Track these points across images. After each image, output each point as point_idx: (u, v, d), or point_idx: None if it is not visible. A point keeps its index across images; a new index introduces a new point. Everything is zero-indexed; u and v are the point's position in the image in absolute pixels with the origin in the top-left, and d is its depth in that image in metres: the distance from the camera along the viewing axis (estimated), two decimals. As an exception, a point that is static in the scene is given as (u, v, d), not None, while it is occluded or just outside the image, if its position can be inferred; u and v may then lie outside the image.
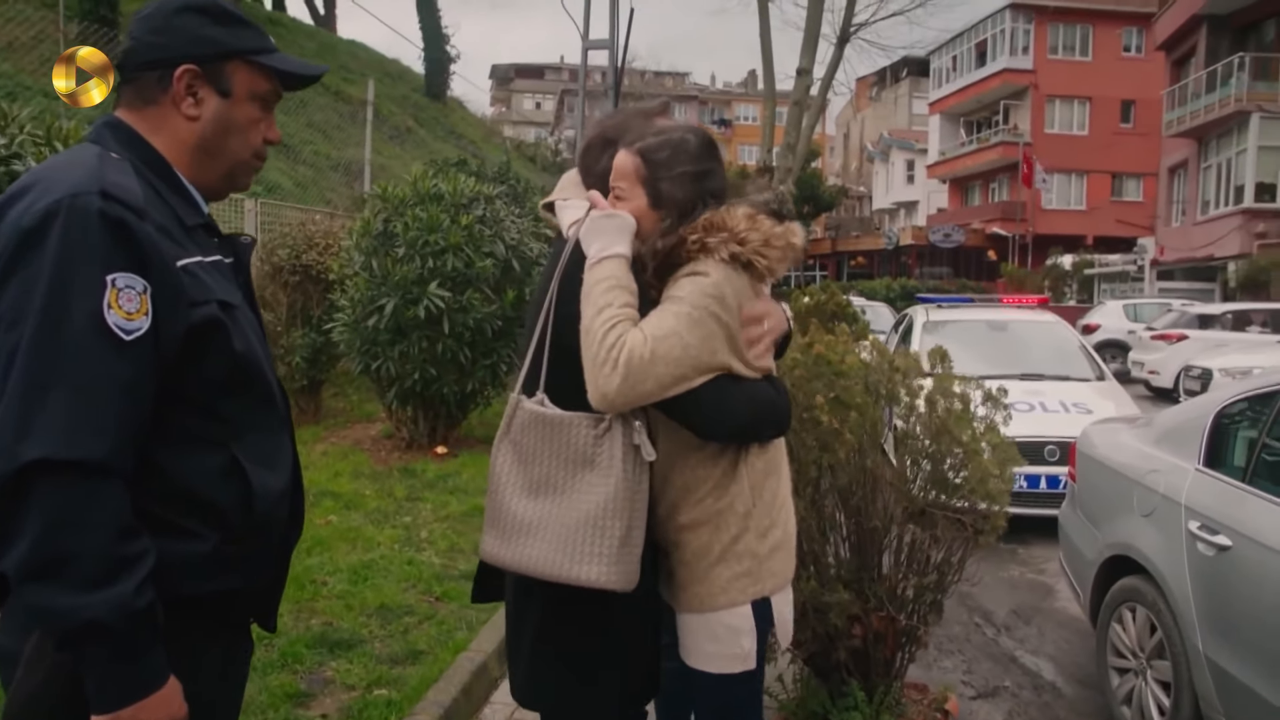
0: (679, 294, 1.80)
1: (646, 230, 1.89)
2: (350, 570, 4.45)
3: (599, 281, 1.78)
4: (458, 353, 6.76)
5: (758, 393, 1.90)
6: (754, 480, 1.94)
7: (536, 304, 1.99)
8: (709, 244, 1.82)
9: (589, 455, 1.81)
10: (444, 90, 28.02)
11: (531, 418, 1.88)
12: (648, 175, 1.89)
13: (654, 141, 1.91)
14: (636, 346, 1.71)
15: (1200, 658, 3.19)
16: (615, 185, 1.93)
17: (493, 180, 10.80)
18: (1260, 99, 21.91)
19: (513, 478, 1.88)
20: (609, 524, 1.77)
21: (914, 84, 54.17)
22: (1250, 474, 3.18)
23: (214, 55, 1.49)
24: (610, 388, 1.71)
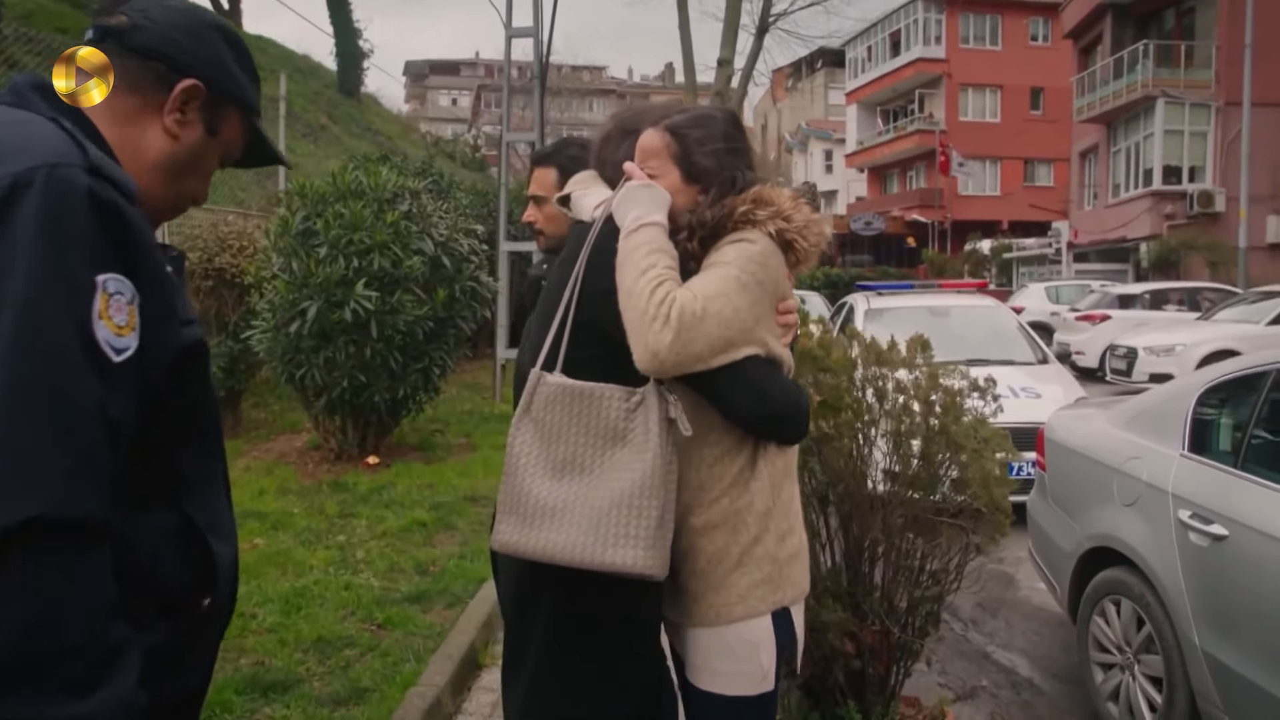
0: (725, 259, 1.71)
1: (681, 205, 1.80)
2: (281, 599, 4.07)
3: (639, 246, 1.67)
4: (388, 357, 6.38)
5: (787, 384, 1.80)
6: (774, 478, 1.81)
7: (557, 283, 1.84)
8: (757, 216, 1.75)
9: (621, 430, 1.69)
10: (358, 86, 27.21)
11: (558, 391, 1.73)
12: (679, 150, 1.83)
13: (681, 118, 1.86)
14: (688, 302, 1.60)
15: (1196, 652, 3.05)
16: (646, 164, 1.84)
17: (416, 175, 10.38)
18: (1164, 84, 22.57)
19: (534, 458, 1.73)
20: (644, 504, 1.64)
21: (830, 75, 54.85)
22: (1242, 459, 3.05)
23: (223, 89, 1.34)
24: (662, 344, 1.57)
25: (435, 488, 6.20)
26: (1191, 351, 12.24)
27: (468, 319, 7.01)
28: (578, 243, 1.83)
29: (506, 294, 9.88)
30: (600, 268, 1.73)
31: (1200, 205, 21.91)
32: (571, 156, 2.52)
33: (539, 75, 9.47)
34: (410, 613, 4.05)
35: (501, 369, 9.98)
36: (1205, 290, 16.29)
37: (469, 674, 3.71)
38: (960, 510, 2.63)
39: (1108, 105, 24.47)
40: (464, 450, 7.49)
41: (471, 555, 4.85)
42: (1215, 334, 12.58)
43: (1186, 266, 21.47)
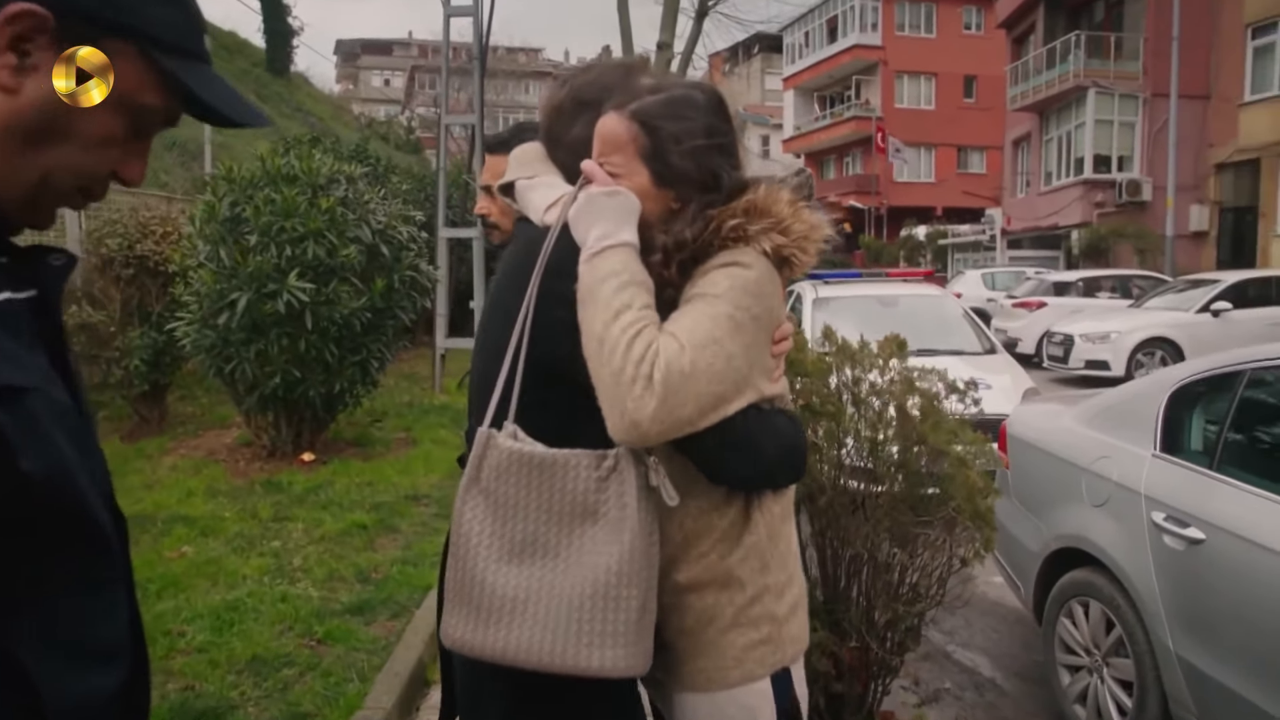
0: (713, 290, 1.40)
1: (651, 214, 1.48)
2: (212, 614, 3.80)
3: (607, 277, 1.36)
4: (323, 350, 6.08)
5: (781, 426, 1.52)
6: (771, 527, 1.55)
7: (502, 310, 1.53)
8: (750, 231, 1.43)
9: (591, 504, 1.41)
10: (287, 65, 26.43)
11: (511, 459, 1.44)
12: (650, 146, 1.48)
13: (653, 103, 1.49)
14: (674, 358, 1.31)
15: (1170, 656, 2.99)
16: (606, 160, 1.50)
17: (351, 159, 10.00)
18: (1095, 75, 22.99)
19: (488, 537, 1.44)
20: (623, 593, 1.37)
21: (766, 60, 55.06)
22: (1217, 461, 2.98)
23: (93, 14, 0.88)
24: (643, 413, 1.29)
25: (375, 486, 5.94)
26: (1126, 338, 12.47)
27: (407, 310, 6.74)
28: (526, 254, 1.51)
29: (446, 282, 9.58)
30: (558, 294, 1.42)
31: (1128, 194, 22.42)
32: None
33: (479, 57, 9.16)
34: (352, 626, 3.82)
35: (441, 359, 9.70)
36: (1136, 278, 16.65)
37: (417, 693, 3.50)
38: (944, 522, 2.51)
39: (1040, 94, 24.88)
40: (404, 445, 7.22)
41: (415, 560, 4.63)
42: (1148, 321, 12.83)
43: (1115, 254, 21.96)
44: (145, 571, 4.19)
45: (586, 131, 1.55)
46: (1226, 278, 13.41)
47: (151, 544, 4.67)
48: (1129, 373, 12.43)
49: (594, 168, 1.48)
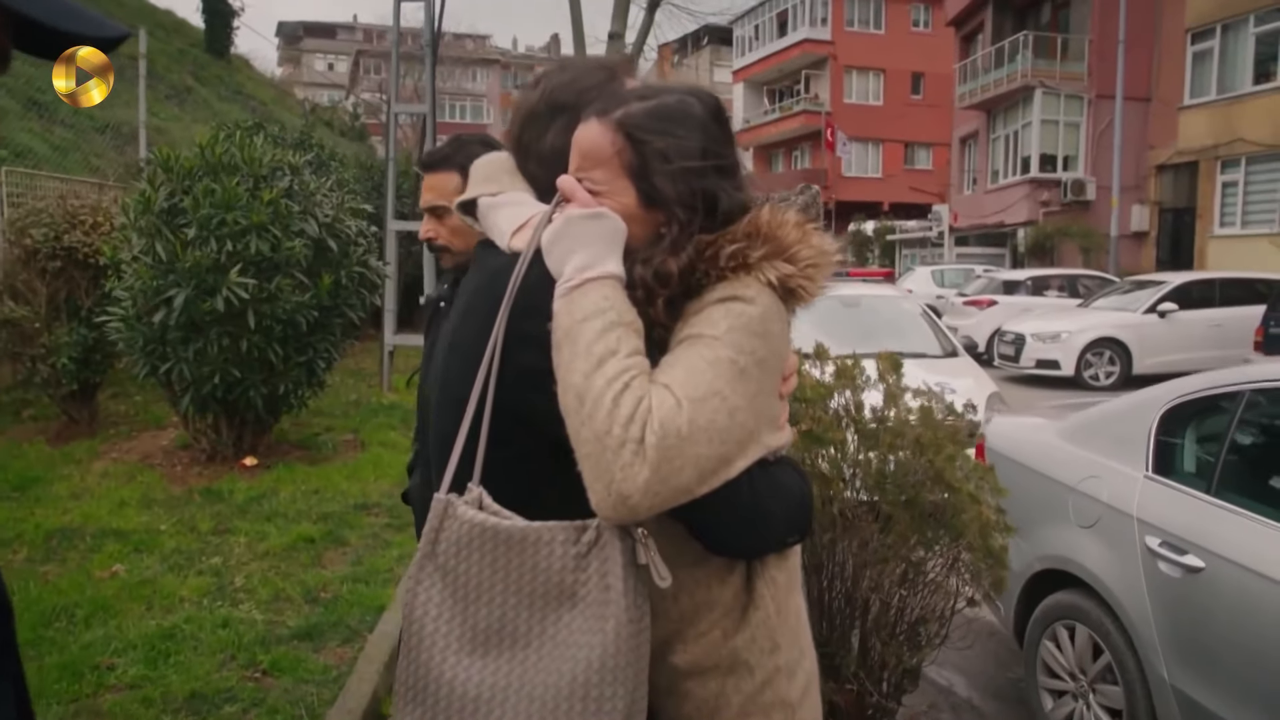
0: (711, 331, 1.21)
1: (636, 238, 1.28)
2: (146, 644, 3.51)
3: (589, 316, 1.17)
4: (266, 350, 5.77)
5: (787, 483, 1.33)
6: (778, 600, 1.35)
7: (461, 354, 1.33)
8: (752, 259, 1.24)
9: (568, 586, 1.21)
10: (227, 47, 25.53)
11: (473, 533, 1.23)
12: (636, 162, 1.28)
13: (642, 112, 1.29)
14: (668, 416, 1.12)
15: (1165, 687, 2.88)
16: (586, 175, 1.29)
17: (295, 147, 9.60)
18: (1042, 75, 23.29)
19: (446, 624, 1.23)
20: (607, 691, 1.17)
21: (715, 52, 55.09)
22: (1215, 485, 2.88)
23: None
24: (633, 485, 1.10)
25: (322, 494, 5.65)
26: (1076, 338, 12.60)
27: (356, 307, 6.44)
28: (490, 286, 1.30)
29: (395, 277, 9.26)
30: (528, 336, 1.23)
31: (1073, 193, 22.76)
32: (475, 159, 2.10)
33: (430, 44, 8.83)
34: (300, 653, 3.56)
35: (389, 356, 9.38)
36: (1083, 277, 16.87)
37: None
38: (953, 561, 2.35)
39: (988, 93, 25.13)
40: (351, 448, 6.92)
41: (366, 576, 4.37)
42: (1097, 321, 12.98)
43: (1060, 252, 22.28)
44: (73, 595, 3.89)
45: (562, 140, 1.36)
46: (1172, 279, 13.62)
47: (79, 562, 4.35)
48: (1078, 372, 12.57)
49: (572, 184, 1.28)
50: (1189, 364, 12.48)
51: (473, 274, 1.42)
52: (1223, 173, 20.65)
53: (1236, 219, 20.33)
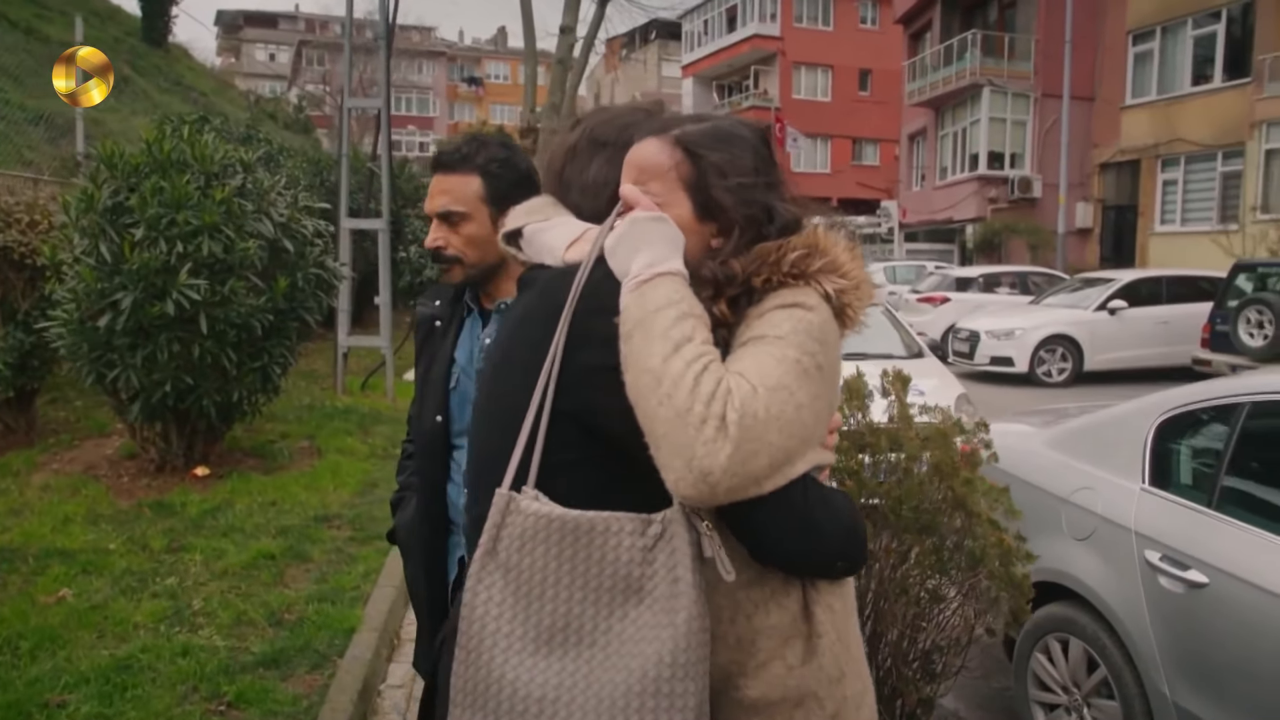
0: (775, 331, 1.23)
1: (689, 252, 1.31)
2: (100, 677, 3.29)
3: (662, 306, 1.19)
4: (220, 356, 5.51)
5: (839, 504, 1.33)
6: (839, 627, 1.34)
7: (519, 367, 1.31)
8: (811, 269, 1.29)
9: (636, 579, 1.21)
10: (165, 35, 24.75)
11: (538, 525, 1.22)
12: (693, 175, 1.34)
13: (697, 131, 1.37)
14: (748, 398, 1.13)
15: (1166, 703, 2.84)
16: (644, 187, 1.34)
17: (241, 141, 9.29)
18: (990, 74, 23.60)
19: (509, 623, 1.22)
20: (678, 687, 1.16)
21: (663, 47, 55.07)
22: (1216, 499, 2.84)
23: None
24: (716, 461, 1.09)
25: (280, 506, 5.42)
26: (1029, 335, 12.75)
27: (313, 310, 6.19)
28: (544, 299, 1.31)
29: (350, 277, 8.99)
30: (593, 334, 1.23)
31: (1020, 190, 23.12)
32: (498, 161, 1.94)
33: (384, 36, 8.57)
34: (267, 682, 3.36)
35: (343, 357, 9.11)
36: (1033, 274, 17.12)
37: (348, 764, 3.10)
38: (970, 589, 2.27)
39: (937, 90, 25.41)
40: (307, 456, 6.68)
41: (332, 595, 4.18)
42: (1049, 319, 13.15)
43: (1008, 249, 22.62)
44: (16, 624, 3.64)
45: (604, 173, 1.43)
46: (1121, 277, 13.86)
47: (21, 586, 4.08)
48: (1032, 369, 12.73)
49: (636, 192, 1.33)
50: (1138, 360, 12.73)
51: (526, 294, 1.39)
52: (1163, 171, 21.16)
53: (1176, 216, 20.84)
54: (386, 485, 6.09)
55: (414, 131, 53.32)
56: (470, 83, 65.47)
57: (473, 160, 1.88)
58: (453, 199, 1.87)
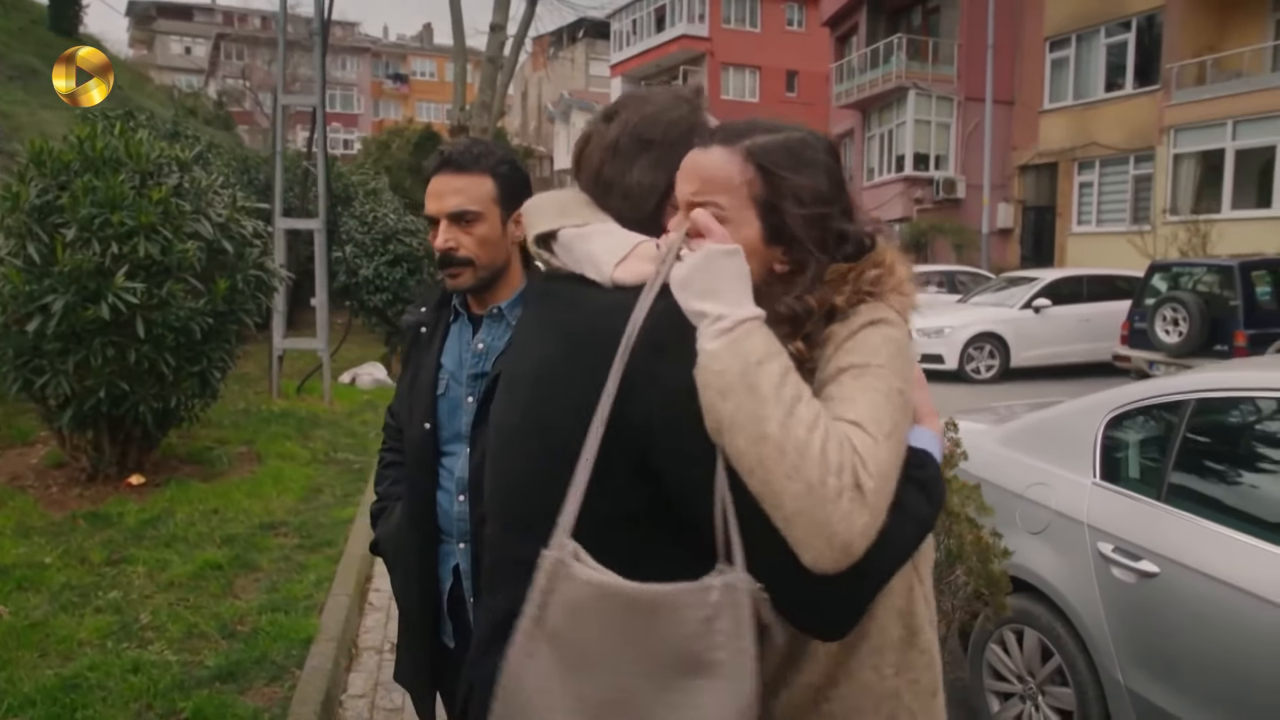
0: (876, 359, 1.18)
1: (752, 276, 1.21)
2: (46, 698, 3.15)
3: (764, 360, 1.09)
4: (157, 361, 5.34)
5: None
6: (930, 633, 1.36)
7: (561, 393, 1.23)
8: (886, 288, 1.26)
9: (697, 652, 1.11)
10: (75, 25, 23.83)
11: (596, 597, 1.12)
12: (766, 194, 1.24)
13: (772, 145, 1.26)
14: (874, 455, 1.08)
15: (1120, 690, 2.95)
16: (708, 200, 1.24)
17: (168, 138, 9.01)
18: (915, 77, 24.13)
19: (558, 699, 1.13)
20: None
21: (590, 46, 55.00)
22: (1165, 492, 2.96)
23: None
24: (854, 531, 1.04)
25: (222, 514, 5.28)
26: (958, 333, 13.09)
27: (252, 312, 6.05)
28: (598, 321, 1.20)
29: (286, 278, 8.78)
30: (663, 376, 1.14)
31: (945, 191, 23.70)
32: (508, 163, 1.92)
33: (320, 32, 8.40)
34: (225, 696, 3.27)
35: (279, 360, 8.90)
36: (960, 274, 17.57)
37: (314, 778, 3.04)
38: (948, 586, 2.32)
39: (864, 93, 25.87)
40: (247, 462, 6.51)
41: (285, 605, 4.09)
42: (977, 317, 13.51)
43: (934, 248, 23.15)
44: (-48, 644, 3.48)
45: (650, 176, 1.33)
46: (1044, 276, 14.31)
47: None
48: (961, 366, 13.06)
49: (710, 220, 1.21)
50: (1062, 357, 13.18)
51: (573, 312, 1.27)
52: (1079, 173, 21.91)
53: (1092, 217, 21.60)
54: (330, 491, 5.99)
55: (338, 129, 52.32)
56: (395, 80, 64.48)
57: (485, 161, 1.85)
58: (467, 199, 1.83)
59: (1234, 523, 2.71)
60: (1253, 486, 2.90)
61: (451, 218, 1.83)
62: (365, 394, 9.59)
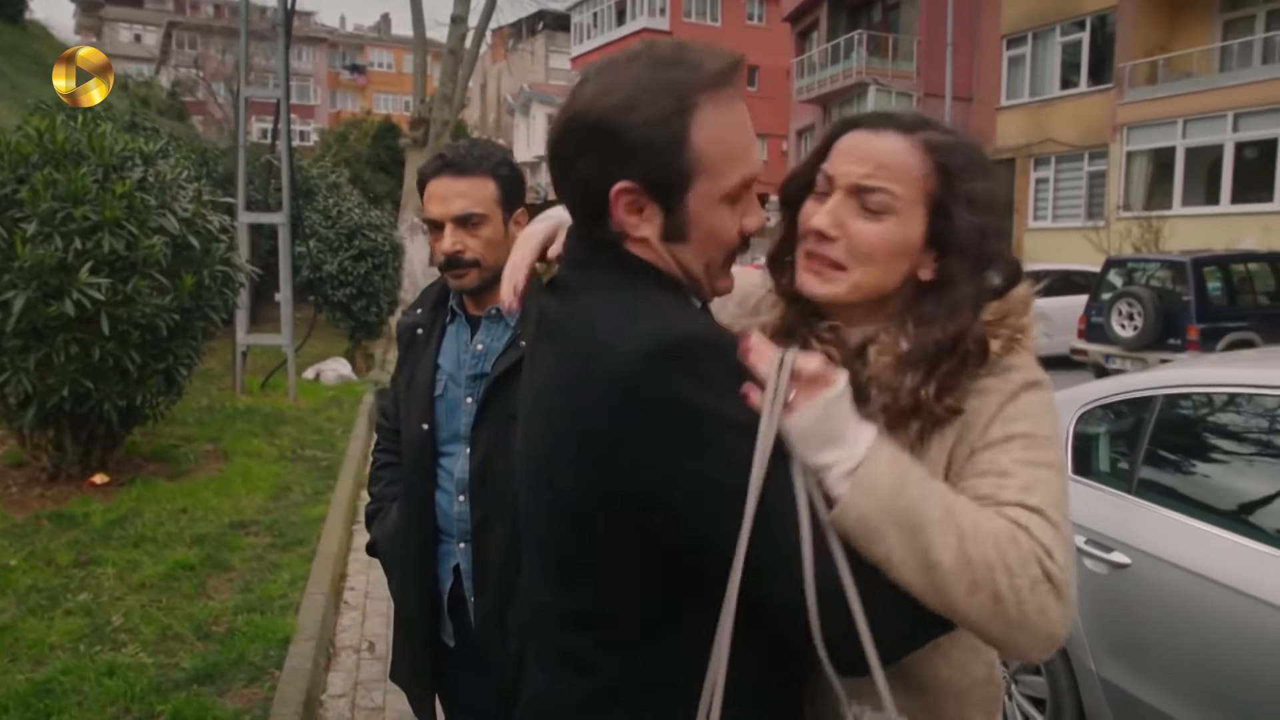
0: (1042, 431, 1.09)
1: (888, 281, 1.18)
2: (19, 704, 3.10)
3: (897, 493, 0.99)
4: (122, 358, 5.25)
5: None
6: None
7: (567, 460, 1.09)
8: (1030, 335, 1.17)
9: None
10: (21, 11, 23.26)
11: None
12: (941, 196, 1.15)
13: (949, 144, 1.16)
14: (1057, 544, 1.00)
15: (1092, 678, 3.03)
16: (882, 185, 1.14)
17: (126, 129, 8.83)
18: (876, 73, 24.37)
19: None
20: None
21: (550, 38, 54.84)
22: (1135, 486, 3.05)
23: None
24: (1056, 621, 0.99)
25: (191, 513, 5.20)
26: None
27: (219, 308, 5.96)
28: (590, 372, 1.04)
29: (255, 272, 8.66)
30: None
31: (905, 187, 23.98)
32: (507, 165, 1.93)
33: (283, 23, 8.28)
34: (204, 699, 3.24)
35: (242, 356, 8.78)
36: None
37: (298, 779, 3.02)
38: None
39: (825, 88, 26.07)
40: (213, 459, 6.43)
41: (260, 605, 4.05)
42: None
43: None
44: (-81, 650, 3.41)
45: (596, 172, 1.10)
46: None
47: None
48: (922, 360, 13.22)
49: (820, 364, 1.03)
50: (1020, 350, 13.39)
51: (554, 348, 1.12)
52: (1036, 170, 22.28)
53: (1049, 212, 21.98)
54: (300, 489, 5.93)
55: (295, 120, 51.42)
56: (353, 71, 63.72)
57: (486, 163, 1.86)
58: (471, 201, 1.83)
59: (1203, 515, 2.80)
60: (1220, 480, 2.99)
61: (457, 221, 1.83)
62: (330, 390, 9.50)
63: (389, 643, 3.99)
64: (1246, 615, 2.49)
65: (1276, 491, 2.82)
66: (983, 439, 1.11)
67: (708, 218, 1.10)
